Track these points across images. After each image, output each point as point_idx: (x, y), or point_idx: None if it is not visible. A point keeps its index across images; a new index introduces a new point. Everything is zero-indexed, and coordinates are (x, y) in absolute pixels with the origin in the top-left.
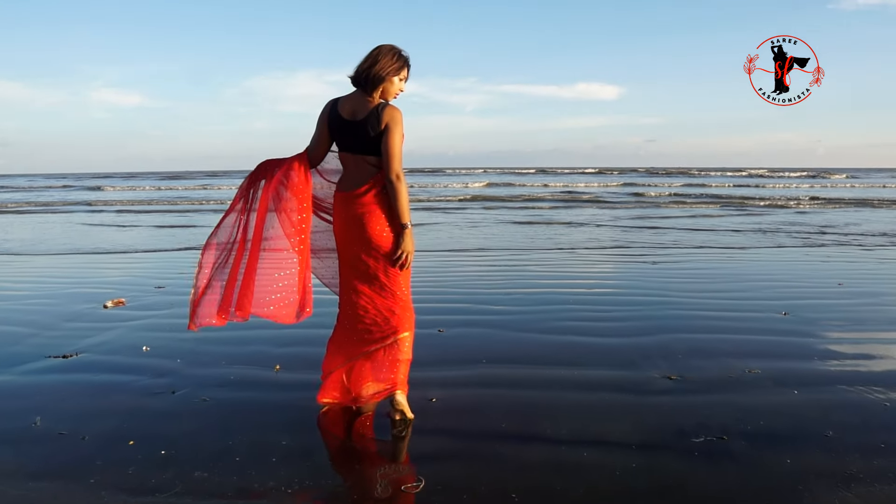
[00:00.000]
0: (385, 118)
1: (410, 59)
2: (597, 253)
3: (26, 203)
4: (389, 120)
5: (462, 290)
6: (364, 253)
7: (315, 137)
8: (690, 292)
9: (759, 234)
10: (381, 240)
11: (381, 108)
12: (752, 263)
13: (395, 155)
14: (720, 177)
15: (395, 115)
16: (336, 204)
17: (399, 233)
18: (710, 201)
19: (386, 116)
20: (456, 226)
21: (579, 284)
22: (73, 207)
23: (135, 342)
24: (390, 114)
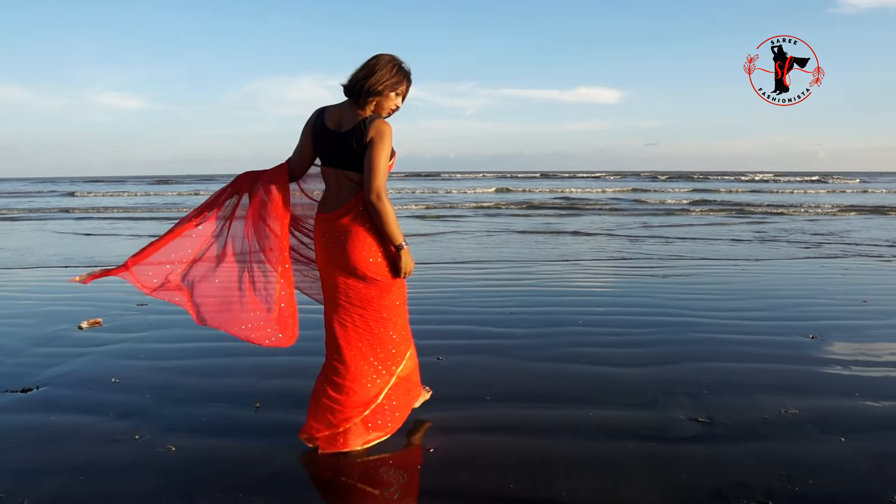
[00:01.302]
0: (371, 131)
1: (412, 73)
2: (603, 265)
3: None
4: (376, 133)
5: (463, 308)
6: (345, 282)
7: (298, 148)
8: (707, 311)
9: (770, 244)
10: (366, 267)
11: (368, 120)
12: (768, 277)
13: (377, 171)
14: (724, 181)
15: (383, 130)
16: (316, 226)
17: (394, 255)
18: (718, 208)
19: (372, 130)
20: (456, 235)
21: (588, 302)
22: (62, 215)
23: (104, 371)
24: (378, 127)
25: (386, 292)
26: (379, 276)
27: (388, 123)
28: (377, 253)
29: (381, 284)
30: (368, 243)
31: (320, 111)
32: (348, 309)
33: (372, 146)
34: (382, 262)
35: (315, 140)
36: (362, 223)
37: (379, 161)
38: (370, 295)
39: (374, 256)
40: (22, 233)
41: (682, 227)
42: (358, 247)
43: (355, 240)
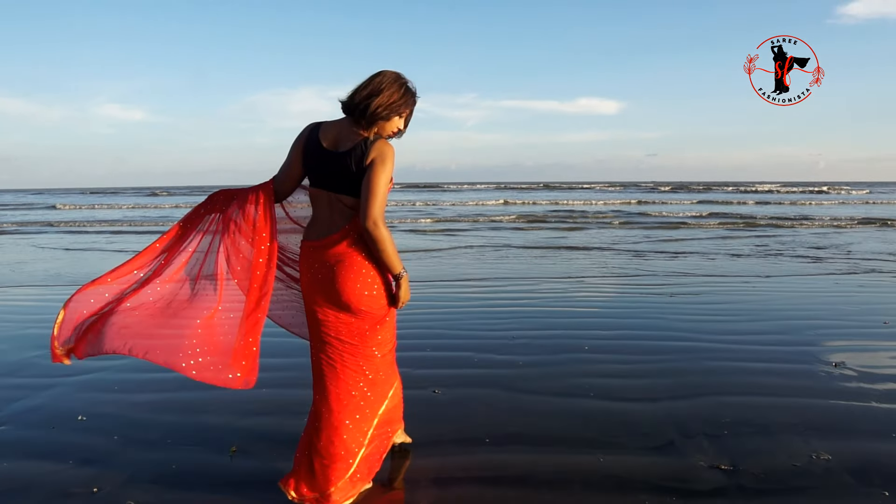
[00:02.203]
0: (372, 153)
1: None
2: (608, 282)
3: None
4: (377, 155)
5: (461, 331)
6: (335, 316)
7: (285, 165)
8: (719, 335)
9: (778, 259)
10: (360, 301)
11: (370, 141)
12: (780, 295)
13: (376, 196)
14: (729, 193)
15: (385, 152)
16: (302, 256)
17: (391, 285)
18: (723, 221)
19: (374, 151)
20: (455, 251)
21: (593, 324)
22: (47, 229)
23: (72, 407)
24: (380, 149)
25: (380, 325)
26: (374, 309)
27: (390, 146)
28: (372, 285)
29: (374, 318)
30: (363, 274)
31: (314, 127)
32: (337, 347)
33: (372, 169)
34: (379, 294)
35: (306, 158)
36: (357, 252)
37: (378, 185)
38: (362, 329)
39: (370, 289)
40: (1, 247)
41: (686, 241)
42: (352, 278)
43: (349, 271)
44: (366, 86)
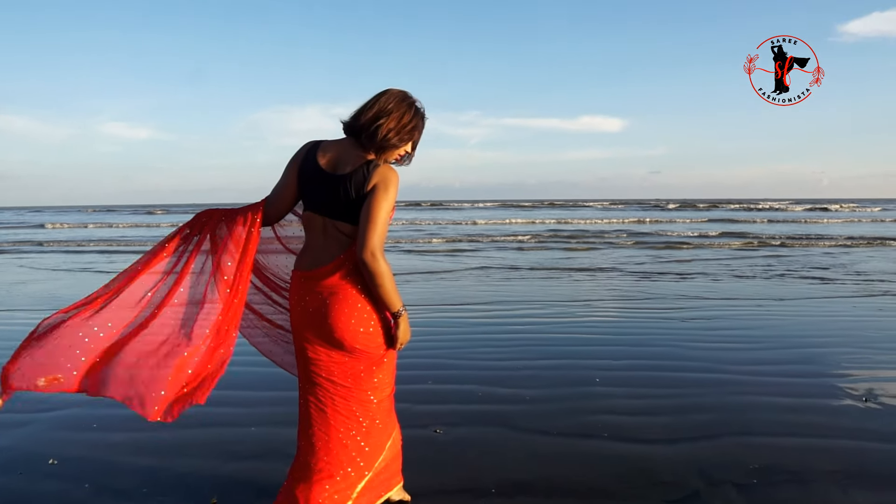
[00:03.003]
0: (375, 177)
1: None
2: (617, 306)
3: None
4: (380, 181)
5: (464, 361)
6: (327, 355)
7: (279, 186)
8: (738, 364)
9: (792, 280)
10: (355, 338)
11: (373, 164)
12: (797, 321)
13: (375, 225)
14: (735, 211)
15: (389, 177)
16: (293, 286)
17: (390, 324)
18: (732, 240)
19: (377, 176)
20: (458, 272)
21: (603, 353)
22: (36, 248)
23: (44, 448)
24: (383, 174)
25: (376, 365)
26: (370, 348)
27: (395, 171)
28: (368, 321)
29: (370, 357)
30: (359, 309)
31: (313, 145)
32: (329, 389)
33: (374, 195)
34: (375, 331)
35: (302, 179)
36: (352, 284)
37: (379, 213)
38: (356, 370)
39: (366, 325)
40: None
41: (693, 262)
42: (346, 313)
43: (343, 304)
44: (371, 106)
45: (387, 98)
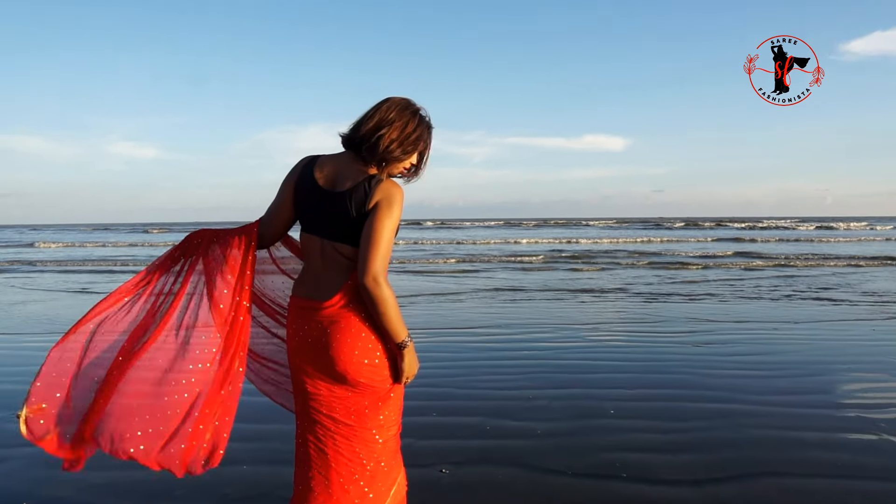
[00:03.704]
0: (378, 194)
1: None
2: (626, 330)
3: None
4: (383, 198)
5: (473, 390)
6: (328, 389)
7: (273, 206)
8: (757, 394)
9: (804, 302)
10: (359, 371)
11: (375, 180)
12: (816, 346)
13: (378, 247)
14: (739, 230)
15: (393, 194)
16: (290, 313)
17: (395, 355)
18: (740, 260)
19: (379, 192)
20: (463, 294)
21: (615, 381)
22: (25, 268)
23: (20, 490)
24: (386, 190)
25: (382, 401)
26: (375, 381)
27: (399, 187)
28: (374, 352)
29: (376, 392)
30: (363, 339)
31: (310, 160)
32: (330, 428)
33: (376, 214)
34: (381, 363)
35: (299, 198)
36: (355, 312)
37: (382, 234)
38: (360, 407)
39: (370, 356)
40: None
41: (701, 283)
42: (349, 344)
43: (345, 334)
44: (371, 116)
45: (388, 107)
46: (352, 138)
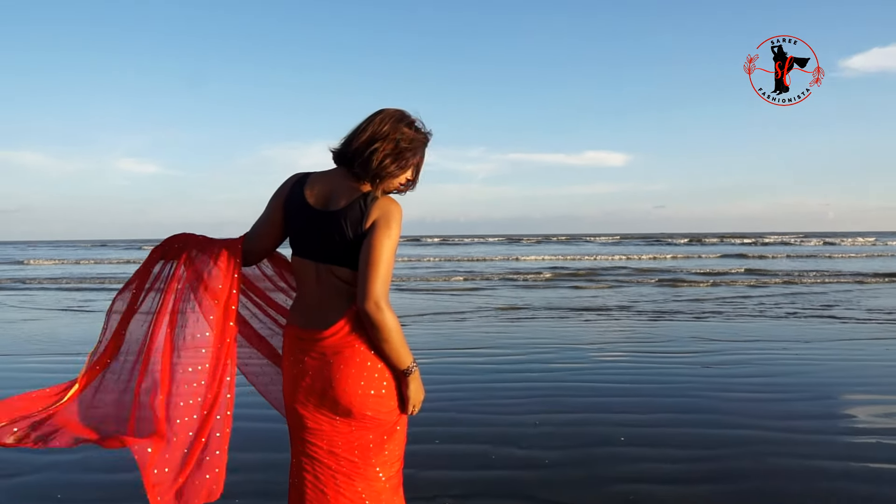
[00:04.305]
0: (374, 212)
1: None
2: (634, 349)
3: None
4: (380, 216)
5: (477, 415)
6: (330, 424)
7: (259, 223)
8: (776, 419)
9: (812, 320)
10: (365, 403)
11: (370, 197)
12: (831, 367)
13: (378, 269)
14: (744, 245)
15: (391, 211)
16: (287, 343)
17: (400, 383)
18: (744, 276)
19: (376, 210)
20: (465, 313)
21: (625, 405)
22: (17, 286)
23: None
24: (384, 207)
25: (387, 434)
26: (382, 413)
27: (397, 204)
28: (381, 381)
29: (382, 425)
30: (369, 368)
31: (298, 179)
32: (329, 465)
33: (374, 234)
34: (389, 393)
35: (288, 219)
36: (360, 339)
37: (382, 255)
38: (365, 442)
39: (377, 387)
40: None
41: (709, 300)
42: (354, 375)
43: (350, 365)
44: (364, 129)
45: (382, 119)
46: (343, 153)
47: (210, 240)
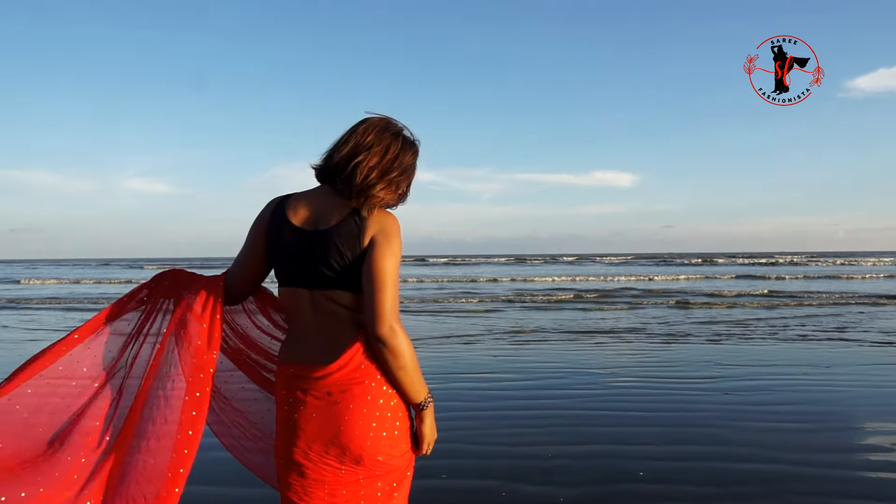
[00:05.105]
0: (372, 227)
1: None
2: (647, 375)
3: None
4: (379, 230)
5: (486, 447)
6: (335, 474)
7: (241, 258)
8: (803, 453)
9: (832, 343)
10: (377, 447)
11: (365, 212)
12: (856, 393)
13: (385, 288)
14: (755, 265)
15: (389, 225)
16: (280, 382)
17: (414, 417)
18: (756, 297)
19: (373, 225)
20: (471, 336)
21: (642, 435)
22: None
23: None
24: (381, 221)
25: (398, 482)
26: (394, 457)
27: (394, 216)
28: (394, 421)
29: (393, 471)
30: (381, 407)
31: (279, 202)
32: None
33: (374, 251)
34: (402, 433)
35: (273, 247)
36: (369, 374)
37: (388, 273)
38: (373, 491)
39: (390, 427)
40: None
41: (723, 322)
42: (366, 415)
43: (360, 403)
44: (345, 141)
45: (365, 129)
46: (325, 169)
47: (195, 277)
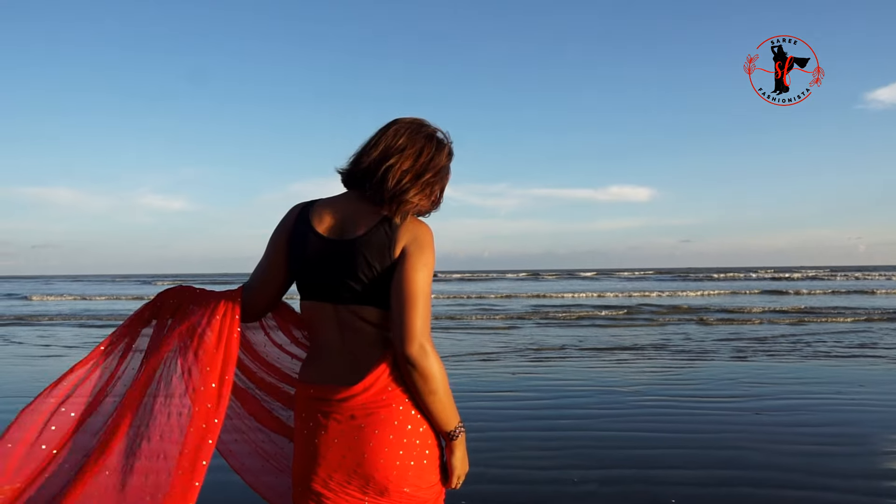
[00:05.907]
0: (403, 237)
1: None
2: (673, 394)
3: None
4: (411, 240)
5: (509, 470)
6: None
7: (260, 269)
8: (845, 479)
9: (865, 361)
10: (404, 478)
11: (396, 220)
12: (890, 413)
13: (417, 303)
14: (777, 281)
15: (422, 235)
16: (301, 407)
17: (444, 448)
18: (781, 314)
19: (405, 235)
20: (490, 353)
21: (672, 458)
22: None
23: None
24: (413, 231)
25: None
26: (422, 489)
27: (426, 225)
28: (423, 450)
29: (419, 502)
30: (409, 433)
31: (303, 208)
32: None
33: (406, 263)
34: (431, 463)
35: (295, 256)
36: (397, 397)
37: (420, 287)
38: None
39: (418, 456)
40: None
41: (749, 339)
42: (393, 442)
43: (387, 429)
44: (375, 143)
45: (397, 130)
46: (353, 174)
47: (207, 293)
